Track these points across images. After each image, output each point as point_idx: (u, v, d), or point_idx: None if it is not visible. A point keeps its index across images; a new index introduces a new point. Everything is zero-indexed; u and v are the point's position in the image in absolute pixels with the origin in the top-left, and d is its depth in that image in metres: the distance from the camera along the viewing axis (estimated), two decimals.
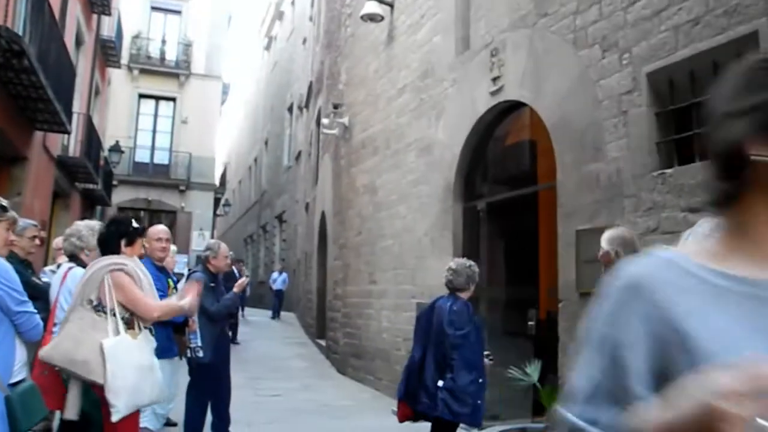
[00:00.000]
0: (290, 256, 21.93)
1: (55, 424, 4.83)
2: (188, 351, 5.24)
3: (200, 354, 5.27)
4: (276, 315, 20.94)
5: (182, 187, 23.41)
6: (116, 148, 19.29)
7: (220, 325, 5.45)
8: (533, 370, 5.18)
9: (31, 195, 12.04)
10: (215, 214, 27.20)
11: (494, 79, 6.69)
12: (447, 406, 4.32)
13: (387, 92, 9.37)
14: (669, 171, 4.59)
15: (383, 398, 8.31)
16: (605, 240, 3.58)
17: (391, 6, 9.23)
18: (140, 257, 4.00)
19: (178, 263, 11.52)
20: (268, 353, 13.10)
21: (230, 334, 13.78)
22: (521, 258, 6.26)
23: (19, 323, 3.00)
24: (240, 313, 20.45)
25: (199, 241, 23.36)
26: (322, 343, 12.85)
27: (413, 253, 8.10)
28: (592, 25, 5.39)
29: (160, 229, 5.13)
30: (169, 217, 23.57)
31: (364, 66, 10.50)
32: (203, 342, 5.14)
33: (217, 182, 25.98)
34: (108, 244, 3.68)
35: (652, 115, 4.80)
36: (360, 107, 10.52)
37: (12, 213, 3.16)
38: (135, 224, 3.79)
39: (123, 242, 3.66)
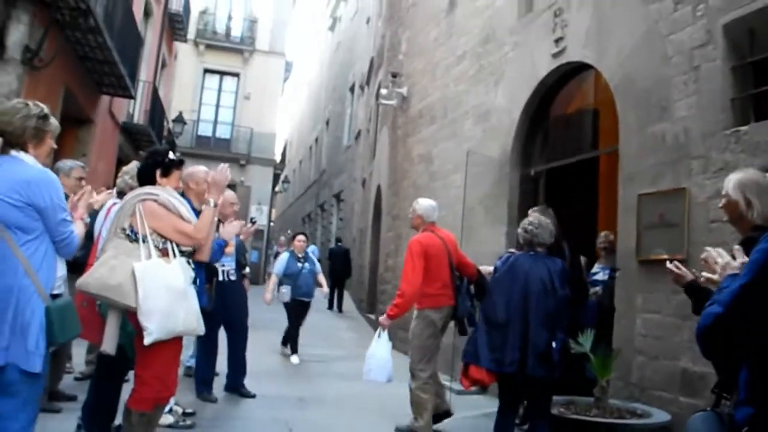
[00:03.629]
0: (346, 235, 21.95)
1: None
2: (222, 274, 5.21)
3: (233, 278, 5.26)
4: None
5: (242, 162, 23.72)
6: (180, 119, 19.61)
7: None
8: (586, 339, 4.90)
9: (96, 157, 12.34)
10: (274, 190, 27.49)
11: (557, 41, 6.39)
12: (560, 367, 4.14)
13: (446, 60, 9.14)
14: (744, 128, 4.24)
15: None
16: (733, 185, 2.85)
17: None
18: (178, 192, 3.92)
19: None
20: (316, 324, 13.08)
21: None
22: (580, 226, 5.98)
23: (59, 238, 2.96)
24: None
25: (257, 216, 23.64)
26: (372, 317, 12.77)
27: (466, 223, 7.87)
28: None
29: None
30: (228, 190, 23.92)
31: (424, 35, 10.28)
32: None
33: (277, 158, 26.26)
34: (144, 176, 3.65)
35: (727, 70, 4.45)
36: (419, 77, 10.32)
37: (55, 122, 3.10)
38: (172, 155, 3.73)
39: (158, 172, 3.60)
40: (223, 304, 5.27)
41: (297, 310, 8.20)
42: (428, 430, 5.04)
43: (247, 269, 6.27)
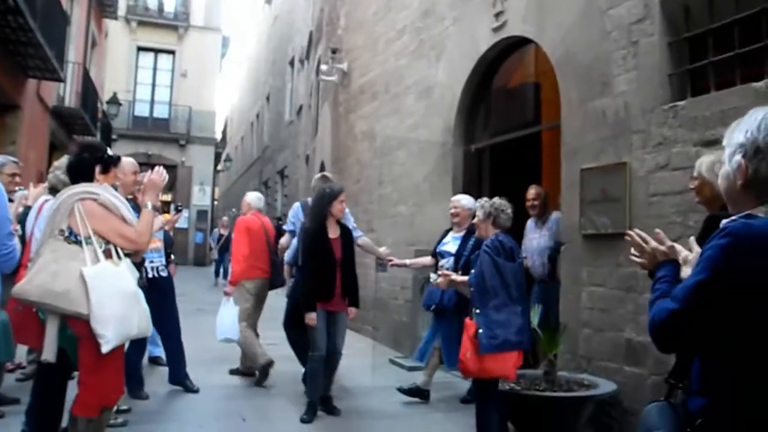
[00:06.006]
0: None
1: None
2: (148, 271, 5.09)
3: (164, 274, 5.19)
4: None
5: (182, 142, 23.24)
6: (114, 101, 18.99)
7: None
8: (533, 315, 4.97)
9: (26, 145, 11.85)
10: (216, 169, 27.00)
11: (497, 15, 6.37)
12: None
13: (386, 35, 9.04)
14: (681, 103, 4.32)
15: (379, 347, 8.19)
16: (706, 167, 2.97)
17: None
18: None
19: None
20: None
21: None
22: (524, 202, 6.03)
23: (2, 252, 2.79)
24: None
25: (200, 196, 23.24)
26: None
27: (412, 200, 7.88)
28: None
29: (132, 162, 4.90)
30: (169, 171, 23.33)
31: (363, 9, 10.14)
32: None
33: (218, 137, 25.77)
34: (80, 172, 3.40)
35: (664, 45, 4.51)
36: (359, 52, 10.19)
37: None
38: (110, 151, 3.55)
39: (98, 169, 3.41)
40: (153, 300, 5.09)
41: None
42: (267, 357, 6.04)
43: (172, 257, 6.15)
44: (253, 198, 6.87)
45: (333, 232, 5.25)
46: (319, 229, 5.18)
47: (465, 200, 5.68)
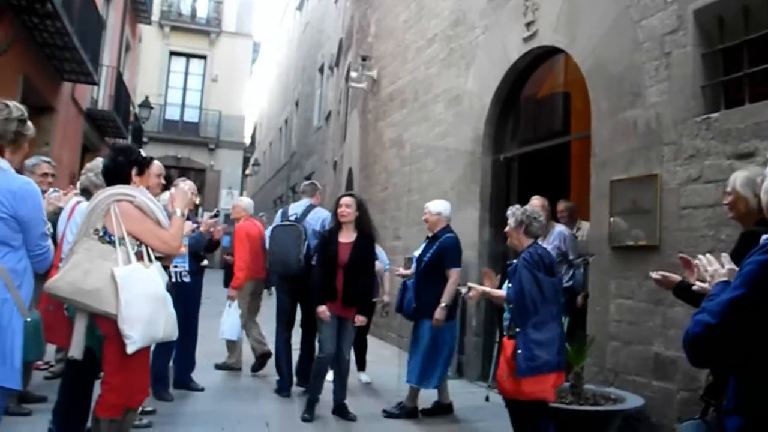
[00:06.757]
0: None
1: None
2: (174, 275, 5.13)
3: (187, 279, 5.23)
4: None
5: (212, 146, 23.47)
6: (146, 104, 19.28)
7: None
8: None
9: (60, 146, 12.06)
10: (244, 174, 27.23)
11: (528, 25, 6.35)
12: None
13: (416, 43, 9.05)
14: (715, 115, 4.25)
15: (404, 355, 8.14)
16: (741, 182, 2.88)
17: None
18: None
19: None
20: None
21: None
22: (552, 212, 5.98)
23: (36, 252, 2.85)
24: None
25: (228, 200, 23.41)
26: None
27: None
28: None
29: (158, 164, 4.94)
30: (198, 175, 23.65)
31: (393, 17, 10.17)
32: None
33: (246, 141, 26.02)
34: (116, 174, 3.41)
35: (698, 56, 4.45)
36: (389, 59, 10.21)
37: (32, 126, 2.94)
38: (143, 153, 3.59)
39: (134, 171, 3.43)
40: (175, 305, 5.11)
41: None
42: (265, 348, 6.72)
43: (206, 261, 6.16)
44: (247, 204, 7.23)
45: (346, 238, 5.22)
46: (328, 234, 5.33)
47: (432, 205, 5.62)
